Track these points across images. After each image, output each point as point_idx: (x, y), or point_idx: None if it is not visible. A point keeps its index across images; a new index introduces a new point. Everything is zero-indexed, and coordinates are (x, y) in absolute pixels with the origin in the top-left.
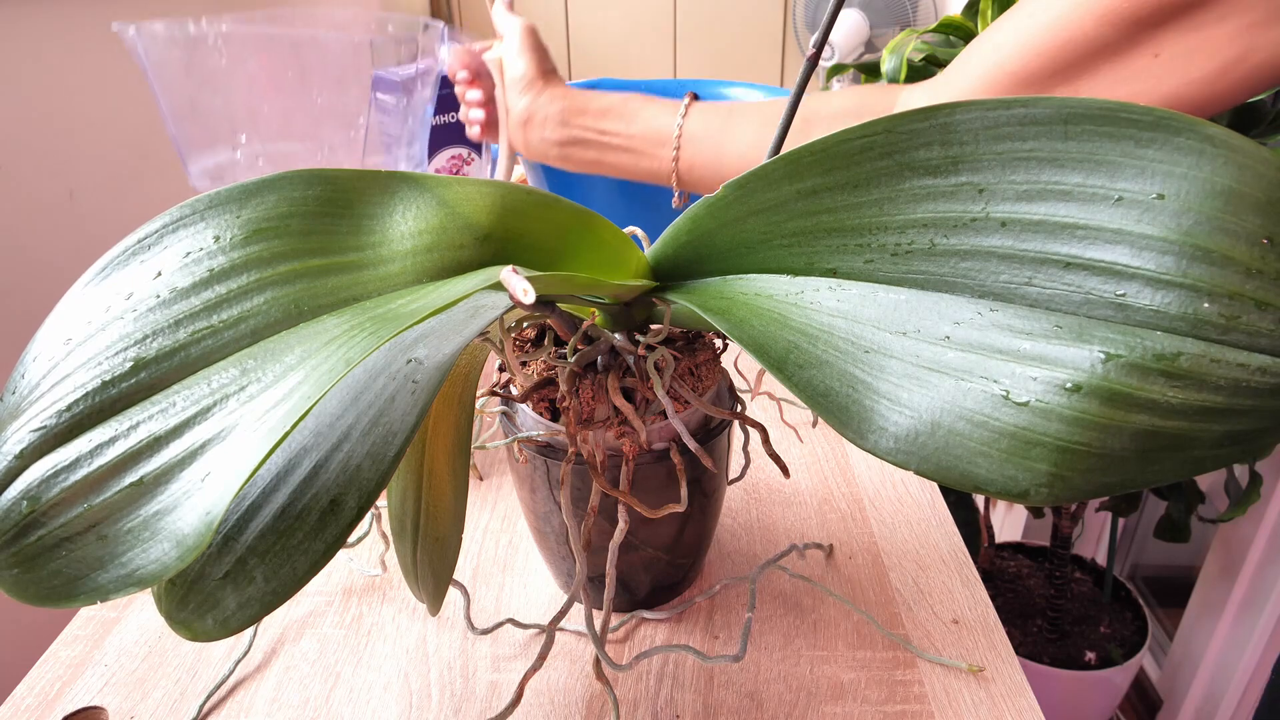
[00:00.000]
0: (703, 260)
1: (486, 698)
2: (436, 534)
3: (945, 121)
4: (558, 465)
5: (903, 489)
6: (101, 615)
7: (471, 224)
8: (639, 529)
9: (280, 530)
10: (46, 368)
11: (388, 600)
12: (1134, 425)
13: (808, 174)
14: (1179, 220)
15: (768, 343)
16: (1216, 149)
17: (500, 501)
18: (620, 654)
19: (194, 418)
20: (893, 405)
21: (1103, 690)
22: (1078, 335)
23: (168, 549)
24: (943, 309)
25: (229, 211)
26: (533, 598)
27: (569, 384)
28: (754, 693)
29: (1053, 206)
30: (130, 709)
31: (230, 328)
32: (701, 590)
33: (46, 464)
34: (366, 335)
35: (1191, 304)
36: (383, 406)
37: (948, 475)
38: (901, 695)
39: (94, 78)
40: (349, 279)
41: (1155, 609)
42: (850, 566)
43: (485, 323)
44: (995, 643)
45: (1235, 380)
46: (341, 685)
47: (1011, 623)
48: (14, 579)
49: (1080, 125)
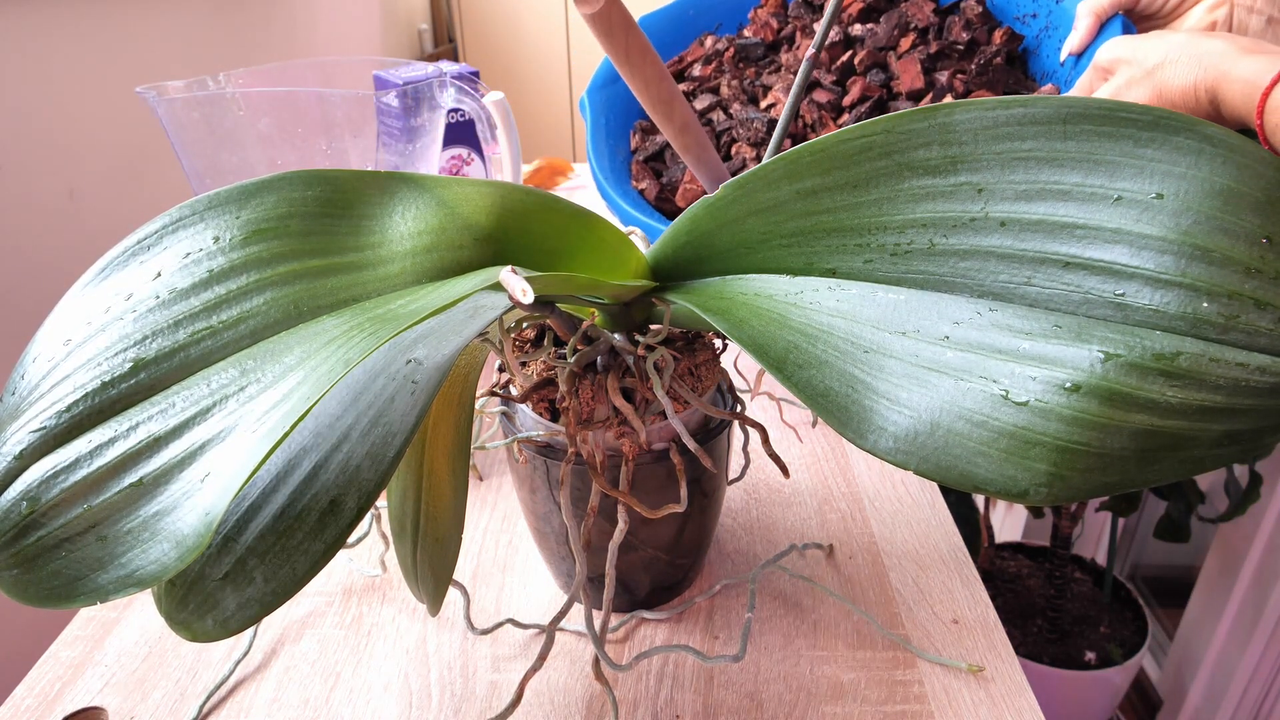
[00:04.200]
0: (702, 260)
1: (486, 698)
2: (436, 534)
3: (944, 121)
4: (557, 465)
5: (903, 489)
6: (102, 616)
7: (471, 224)
8: (639, 529)
9: (280, 531)
10: (46, 368)
11: (388, 600)
12: (1133, 425)
13: (807, 174)
14: (1178, 220)
15: (767, 343)
16: (1215, 148)
17: (500, 501)
18: (620, 654)
19: (193, 418)
20: (892, 405)
21: (1103, 690)
22: (1077, 335)
23: (167, 550)
24: (942, 309)
25: (228, 212)
26: (533, 598)
27: (569, 384)
28: (754, 693)
29: (1052, 206)
30: (130, 709)
31: (230, 328)
32: (701, 590)
33: (46, 465)
34: (366, 336)
35: (1190, 303)
36: (382, 407)
37: (947, 475)
38: (901, 695)
39: (94, 78)
40: (348, 279)
41: (1155, 609)
42: (850, 566)
43: (485, 323)
44: (995, 643)
45: (1234, 379)
46: (341, 685)
47: (1011, 623)
48: (14, 580)
49: (1079, 125)
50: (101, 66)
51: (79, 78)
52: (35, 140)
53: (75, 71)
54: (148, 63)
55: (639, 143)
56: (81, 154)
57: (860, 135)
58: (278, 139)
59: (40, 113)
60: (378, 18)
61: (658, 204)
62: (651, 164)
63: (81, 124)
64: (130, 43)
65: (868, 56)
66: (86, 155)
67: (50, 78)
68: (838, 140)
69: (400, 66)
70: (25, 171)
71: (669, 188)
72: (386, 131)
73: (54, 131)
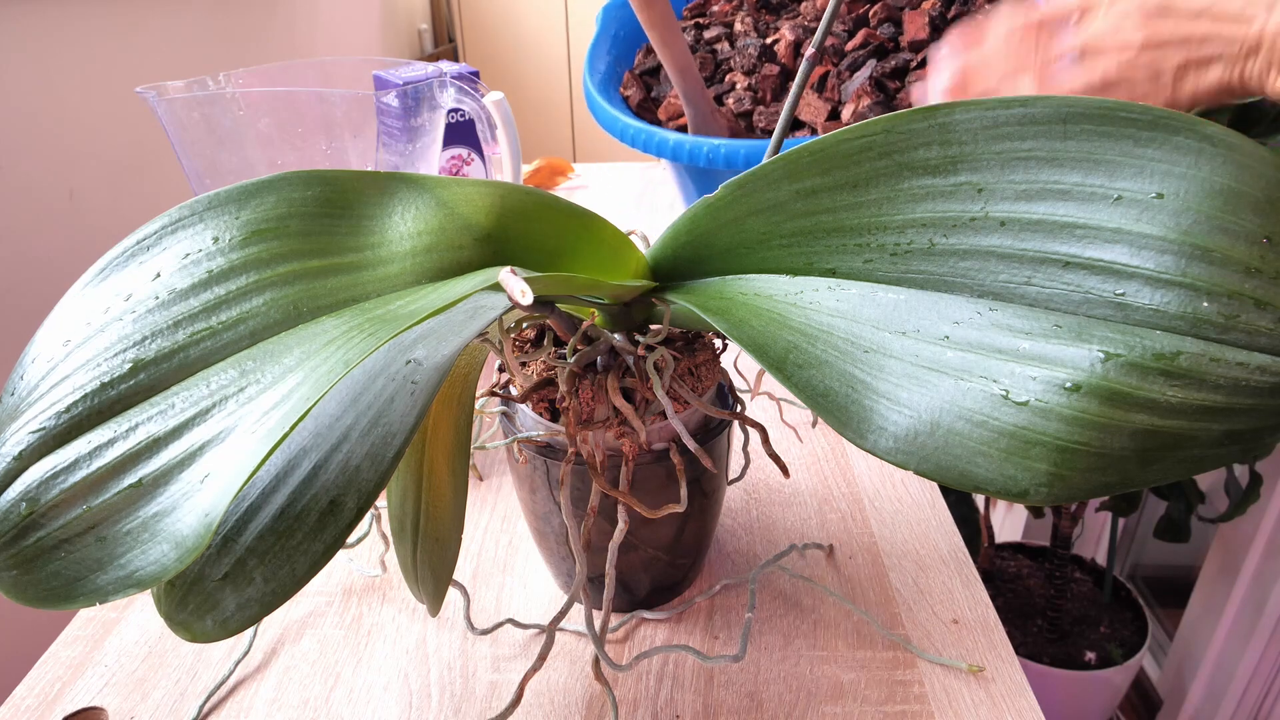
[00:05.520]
0: (702, 260)
1: (486, 698)
2: (436, 534)
3: (944, 121)
4: (557, 465)
5: (903, 489)
6: (101, 616)
7: (471, 225)
8: (639, 529)
9: (279, 531)
10: (45, 369)
11: (388, 600)
12: (1133, 424)
13: (806, 174)
14: (1178, 219)
15: (767, 343)
16: (1215, 148)
17: (500, 501)
18: (620, 654)
19: (193, 419)
20: (892, 405)
21: (1103, 690)
22: (1077, 334)
23: (167, 550)
24: (942, 309)
25: (228, 213)
26: (533, 598)
27: (569, 384)
28: (754, 693)
29: (1052, 206)
30: (130, 709)
31: (229, 329)
32: (701, 590)
33: (45, 465)
34: (365, 336)
35: (1191, 303)
36: (382, 407)
37: (947, 475)
38: (901, 695)
39: (94, 78)
40: (348, 280)
41: (1155, 609)
42: (850, 566)
43: (484, 323)
44: (995, 643)
45: (1235, 379)
46: (341, 685)
47: (1011, 623)
48: (13, 580)
49: (1079, 125)
50: (101, 66)
51: (79, 78)
52: (35, 140)
53: (75, 71)
54: (148, 63)
55: (641, 59)
56: (81, 154)
57: (860, 135)
58: (278, 139)
59: (40, 113)
60: (378, 18)
61: (639, 110)
62: (645, 77)
63: (81, 124)
64: (130, 43)
65: (882, 10)
66: (86, 155)
67: (50, 78)
68: (837, 140)
69: (400, 66)
70: (25, 171)
71: (654, 100)
72: (386, 131)
73: (54, 131)
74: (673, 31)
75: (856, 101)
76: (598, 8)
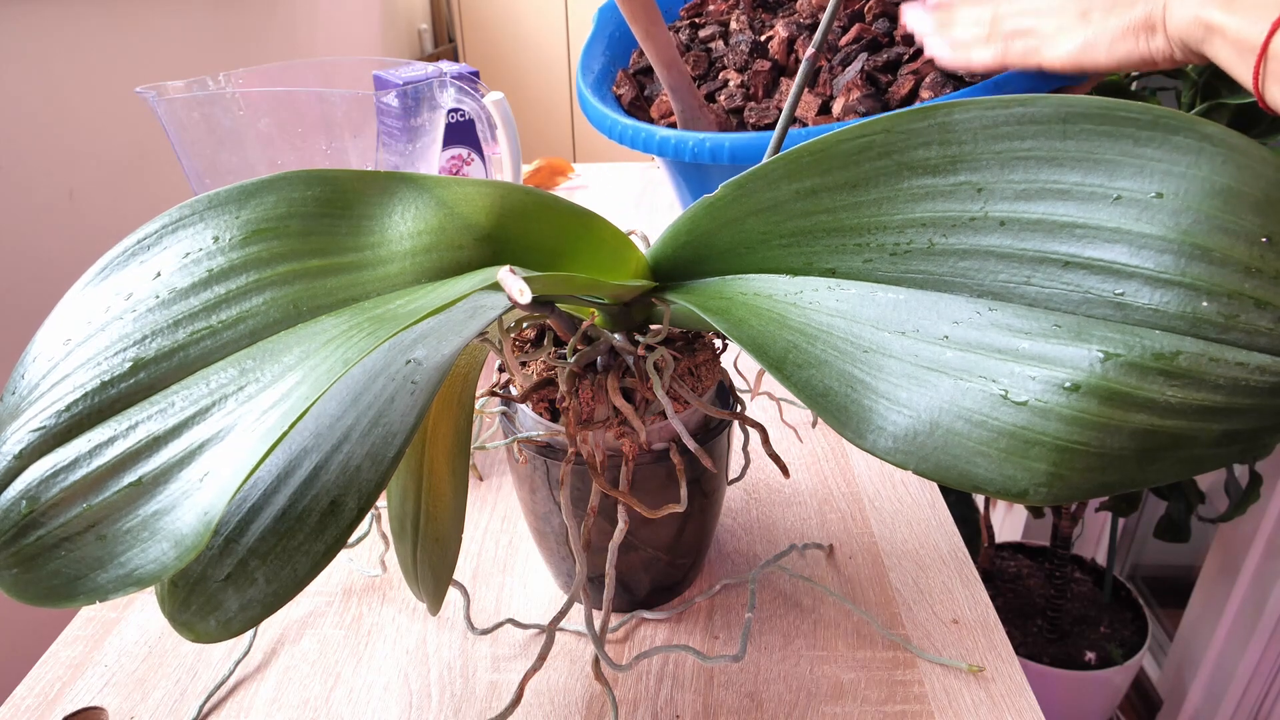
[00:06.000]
0: (702, 260)
1: (486, 698)
2: (436, 534)
3: (944, 121)
4: (557, 465)
5: (903, 489)
6: (102, 615)
7: (471, 224)
8: (639, 529)
9: (281, 532)
10: (46, 368)
11: (388, 600)
12: (1133, 424)
13: (806, 174)
14: (1177, 219)
15: (767, 342)
16: (1215, 147)
17: (500, 501)
18: (620, 654)
19: (193, 418)
20: (891, 405)
21: (1103, 690)
22: (1076, 334)
23: (166, 549)
24: (941, 308)
25: (228, 212)
26: (533, 598)
27: (568, 384)
28: (754, 693)
29: (1051, 205)
30: (130, 709)
31: (229, 328)
32: (701, 590)
33: (46, 464)
34: (365, 336)
35: (1190, 303)
36: (382, 407)
37: (947, 475)
38: (901, 695)
39: (94, 78)
40: (348, 279)
41: (1155, 609)
42: (850, 566)
43: (484, 323)
44: (995, 643)
45: (1234, 379)
46: (341, 685)
47: (1011, 623)
48: (13, 579)
49: (1078, 124)
50: (101, 66)
51: (79, 78)
52: (35, 140)
53: (75, 71)
54: (148, 63)
55: (636, 59)
56: (81, 154)
57: (860, 135)
58: (278, 139)
59: (40, 113)
60: (378, 18)
61: (631, 109)
62: (638, 76)
63: (81, 124)
64: (130, 43)
65: (877, 4)
66: (86, 155)
67: (50, 78)
68: (837, 140)
69: (400, 66)
70: (25, 171)
71: (647, 99)
72: (386, 131)
73: (54, 131)
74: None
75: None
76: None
